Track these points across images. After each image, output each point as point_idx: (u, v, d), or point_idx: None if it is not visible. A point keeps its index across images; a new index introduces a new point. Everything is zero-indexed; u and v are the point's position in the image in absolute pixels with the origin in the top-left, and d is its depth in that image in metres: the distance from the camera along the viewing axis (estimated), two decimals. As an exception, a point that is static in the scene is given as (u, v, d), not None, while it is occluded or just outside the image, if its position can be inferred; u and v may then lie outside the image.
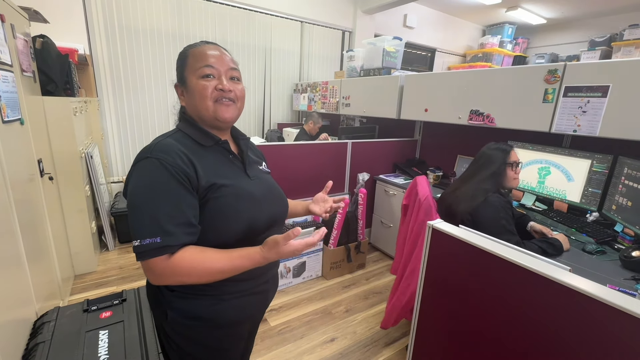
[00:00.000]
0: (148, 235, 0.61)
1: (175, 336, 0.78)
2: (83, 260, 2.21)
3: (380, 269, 2.46)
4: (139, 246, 0.61)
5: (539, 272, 0.67)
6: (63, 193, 2.04)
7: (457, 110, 2.18)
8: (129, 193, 0.65)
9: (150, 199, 0.63)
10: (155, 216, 0.62)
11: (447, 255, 0.82)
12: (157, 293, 0.77)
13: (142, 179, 0.64)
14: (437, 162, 2.78)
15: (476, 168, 1.42)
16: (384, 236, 2.68)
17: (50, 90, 1.94)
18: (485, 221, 1.23)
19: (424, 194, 1.22)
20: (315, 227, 2.20)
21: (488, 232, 1.22)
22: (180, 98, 0.78)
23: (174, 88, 0.79)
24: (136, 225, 0.63)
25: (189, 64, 0.74)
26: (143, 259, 0.62)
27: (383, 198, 2.63)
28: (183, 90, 0.76)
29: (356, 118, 3.61)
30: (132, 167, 0.67)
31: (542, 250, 1.24)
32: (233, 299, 0.78)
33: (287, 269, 2.13)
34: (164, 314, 0.76)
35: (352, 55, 3.21)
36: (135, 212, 0.63)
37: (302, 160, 2.26)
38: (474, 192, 1.30)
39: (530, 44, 6.29)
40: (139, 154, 0.67)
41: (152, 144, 0.69)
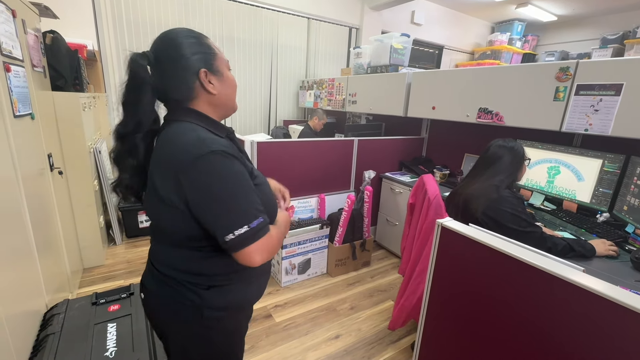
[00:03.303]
0: (253, 218, 0.66)
1: (208, 332, 0.78)
2: (91, 253, 2.24)
3: (385, 267, 2.46)
4: (248, 230, 0.65)
5: (551, 272, 0.66)
6: (72, 187, 2.07)
7: (465, 108, 2.16)
8: (207, 187, 0.64)
9: (238, 187, 0.66)
10: (250, 201, 0.68)
11: (457, 254, 0.81)
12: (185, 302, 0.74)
13: (223, 171, 0.65)
14: (443, 161, 2.76)
15: (487, 164, 1.40)
16: (389, 234, 2.67)
17: (60, 86, 1.96)
18: (505, 217, 1.21)
19: (434, 193, 1.21)
20: (321, 225, 2.20)
21: (510, 228, 1.21)
22: (207, 86, 0.73)
23: (200, 74, 0.72)
24: (234, 215, 0.65)
25: (217, 56, 0.76)
26: (257, 239, 0.66)
27: (389, 196, 2.62)
28: (215, 78, 0.74)
29: (362, 115, 3.60)
30: (193, 164, 0.63)
31: (570, 248, 1.22)
32: (255, 280, 0.82)
33: (292, 265, 2.13)
34: (199, 314, 0.75)
35: (359, 52, 3.19)
36: (229, 203, 0.65)
37: (307, 157, 2.26)
38: (488, 189, 1.28)
39: (540, 41, 6.18)
40: (195, 147, 0.64)
41: (198, 139, 0.66)
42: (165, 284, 0.74)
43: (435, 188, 1.27)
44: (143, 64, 0.70)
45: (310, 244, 2.17)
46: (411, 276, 1.31)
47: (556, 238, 1.24)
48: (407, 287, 1.33)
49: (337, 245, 2.23)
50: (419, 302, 1.19)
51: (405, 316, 1.37)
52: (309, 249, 2.18)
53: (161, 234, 0.76)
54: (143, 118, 0.71)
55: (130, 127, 0.71)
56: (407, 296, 1.33)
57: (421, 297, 1.01)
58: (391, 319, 1.55)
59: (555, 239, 1.23)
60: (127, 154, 0.73)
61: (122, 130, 0.72)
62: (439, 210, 1.17)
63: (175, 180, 0.65)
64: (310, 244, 2.17)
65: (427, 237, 1.20)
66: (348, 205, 2.14)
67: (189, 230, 0.69)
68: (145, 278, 0.81)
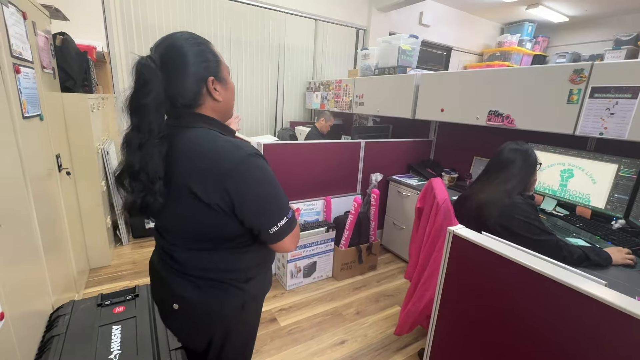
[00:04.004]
0: (288, 210, 0.75)
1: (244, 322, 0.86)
2: (98, 254, 2.25)
3: (391, 272, 2.42)
4: (287, 221, 0.74)
5: (571, 285, 0.63)
6: (80, 188, 2.08)
7: (475, 111, 2.12)
8: (251, 189, 0.70)
9: (275, 184, 0.73)
10: (283, 195, 0.75)
11: (468, 262, 0.78)
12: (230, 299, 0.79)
13: (261, 172, 0.71)
14: (452, 164, 2.72)
15: (498, 169, 1.36)
16: (396, 238, 2.64)
17: (69, 87, 1.97)
18: (517, 224, 1.18)
19: (443, 197, 1.18)
20: (327, 228, 2.17)
21: (523, 235, 1.17)
22: (214, 93, 0.75)
23: (208, 82, 0.74)
24: (275, 208, 0.73)
25: (222, 63, 0.78)
26: (293, 228, 0.76)
27: (396, 199, 2.59)
28: (220, 86, 0.77)
29: (369, 117, 3.57)
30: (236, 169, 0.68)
31: (585, 256, 1.18)
32: (270, 268, 0.91)
33: (298, 268, 2.11)
34: (240, 307, 0.81)
35: (366, 54, 3.17)
36: (271, 199, 0.73)
37: (314, 159, 2.24)
38: (500, 195, 1.25)
39: (550, 42, 6.09)
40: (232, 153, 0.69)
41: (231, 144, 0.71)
42: (208, 287, 0.77)
43: (444, 192, 1.24)
44: (153, 67, 0.68)
45: (315, 247, 2.15)
46: (418, 281, 1.28)
47: (571, 246, 1.20)
48: (415, 293, 1.30)
49: (343, 249, 2.20)
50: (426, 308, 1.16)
51: (412, 322, 1.34)
52: (314, 252, 2.16)
53: (197, 241, 0.76)
54: (158, 122, 0.69)
55: (145, 133, 0.68)
56: (414, 302, 1.30)
57: (428, 303, 0.98)
58: (397, 324, 1.52)
59: (570, 247, 1.19)
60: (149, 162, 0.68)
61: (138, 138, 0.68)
62: (447, 215, 1.14)
63: (220, 186, 0.67)
64: (315, 247, 2.15)
65: (435, 242, 1.17)
66: (354, 209, 2.12)
67: (232, 230, 0.73)
68: (176, 287, 0.78)
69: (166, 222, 0.78)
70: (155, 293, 0.92)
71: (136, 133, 0.68)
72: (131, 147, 0.69)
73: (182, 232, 0.77)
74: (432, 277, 1.16)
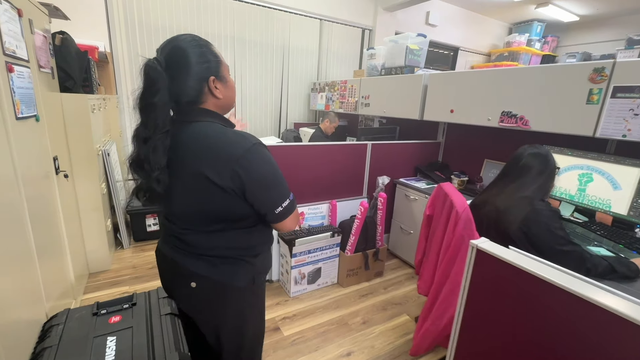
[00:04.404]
0: (289, 192, 0.84)
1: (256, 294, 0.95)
2: (97, 258, 2.20)
3: (399, 278, 2.34)
4: (289, 202, 0.84)
5: (611, 309, 0.55)
6: (79, 190, 2.03)
7: (487, 112, 2.04)
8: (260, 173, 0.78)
9: (277, 169, 0.82)
10: (285, 181, 0.84)
11: (494, 279, 0.70)
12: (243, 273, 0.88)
13: (266, 159, 0.80)
14: (461, 166, 2.63)
15: (517, 173, 1.28)
16: (403, 243, 2.55)
17: (69, 87, 1.92)
18: (540, 233, 1.09)
19: (462, 205, 1.10)
20: (332, 233, 2.10)
21: (546, 245, 1.09)
22: (215, 91, 0.82)
23: (209, 82, 0.81)
24: (280, 191, 0.82)
25: (222, 63, 0.85)
26: (294, 209, 0.86)
27: (403, 203, 2.51)
28: (220, 84, 0.84)
29: (375, 118, 3.49)
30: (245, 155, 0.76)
31: (611, 268, 1.09)
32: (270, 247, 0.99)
33: (302, 274, 2.04)
34: (252, 280, 0.90)
35: (372, 54, 3.10)
36: (275, 182, 0.81)
37: (318, 162, 2.17)
38: (520, 202, 1.17)
39: (560, 42, 5.96)
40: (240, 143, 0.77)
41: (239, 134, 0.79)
42: (221, 263, 0.85)
43: (463, 200, 1.16)
44: (159, 69, 0.75)
45: (320, 253, 2.08)
46: (436, 297, 1.19)
47: (596, 257, 1.11)
48: (433, 310, 1.20)
49: (349, 255, 2.13)
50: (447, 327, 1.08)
51: (430, 342, 1.24)
52: (319, 258, 2.08)
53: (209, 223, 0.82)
54: (162, 119, 0.76)
55: (151, 128, 0.76)
56: (433, 320, 1.20)
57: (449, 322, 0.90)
58: (413, 344, 1.42)
59: (595, 258, 1.10)
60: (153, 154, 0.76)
61: (145, 133, 0.76)
62: (468, 225, 1.06)
63: (232, 170, 0.75)
64: (320, 252, 2.08)
65: (454, 255, 1.09)
66: (361, 213, 2.04)
67: (241, 212, 0.81)
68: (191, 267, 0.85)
69: (178, 208, 0.84)
70: (167, 280, 1.00)
71: (143, 128, 0.77)
72: (138, 140, 0.78)
73: (195, 216, 0.82)
74: (453, 293, 1.07)
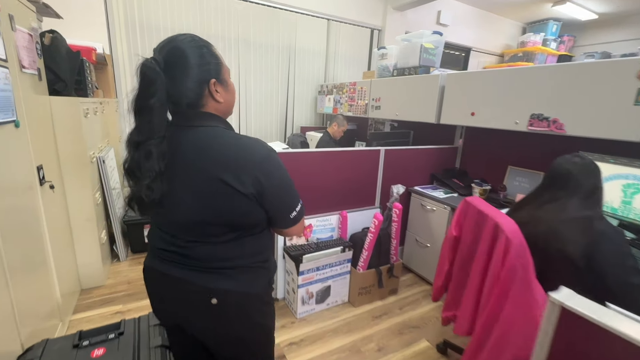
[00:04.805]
0: (299, 198, 0.85)
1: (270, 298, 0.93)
2: (90, 273, 2.05)
3: (415, 296, 2.14)
4: (301, 207, 0.85)
5: None
6: (70, 201, 1.89)
7: (514, 114, 1.85)
8: (279, 178, 0.78)
9: (289, 176, 0.81)
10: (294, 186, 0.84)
11: (588, 350, 0.50)
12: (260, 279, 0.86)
13: (281, 164, 0.79)
14: (481, 173, 2.43)
15: (563, 186, 1.09)
16: (419, 256, 2.36)
17: (59, 90, 1.79)
18: (607, 261, 0.89)
19: (511, 228, 0.91)
20: (343, 247, 1.92)
21: (614, 276, 0.89)
22: (215, 95, 0.79)
23: (210, 85, 0.77)
24: (293, 196, 0.83)
25: (223, 65, 0.81)
26: (304, 214, 0.87)
27: (419, 213, 2.32)
28: (221, 87, 0.80)
29: (386, 122, 3.32)
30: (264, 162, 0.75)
31: None
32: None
33: (310, 294, 1.86)
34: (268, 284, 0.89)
35: (384, 53, 2.92)
36: (290, 188, 0.82)
37: (327, 169, 2.00)
38: (577, 222, 0.97)
39: (576, 42, 5.73)
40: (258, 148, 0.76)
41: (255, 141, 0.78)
42: (239, 273, 0.82)
43: (510, 221, 0.96)
44: (157, 70, 0.70)
45: (330, 270, 1.90)
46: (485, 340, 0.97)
47: None
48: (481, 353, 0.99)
49: (361, 271, 1.94)
50: None
51: None
52: (328, 275, 1.90)
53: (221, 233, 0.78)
54: (158, 123, 0.72)
55: (145, 133, 0.71)
56: None
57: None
58: None
59: None
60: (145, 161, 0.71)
61: (137, 138, 0.72)
62: (522, 254, 0.87)
63: (253, 175, 0.73)
64: (330, 269, 1.90)
65: (505, 291, 0.90)
66: (375, 226, 1.85)
67: (255, 218, 0.79)
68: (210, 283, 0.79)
69: (185, 219, 0.77)
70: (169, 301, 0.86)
71: (137, 133, 0.72)
72: (131, 145, 0.73)
73: (208, 226, 0.77)
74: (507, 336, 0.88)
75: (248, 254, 0.82)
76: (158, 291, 0.88)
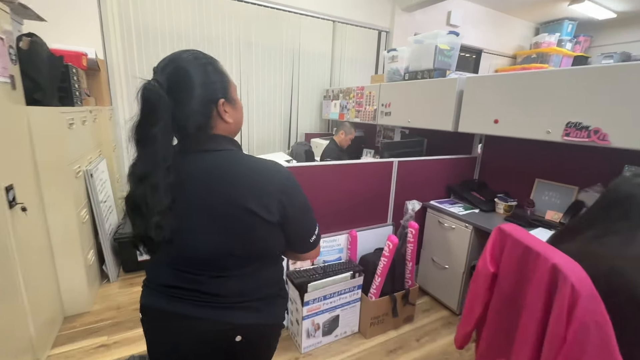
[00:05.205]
0: (316, 222, 0.84)
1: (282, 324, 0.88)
2: (75, 299, 1.87)
3: (433, 324, 1.92)
4: (318, 231, 0.84)
5: None
6: (51, 221, 1.71)
7: (545, 122, 1.63)
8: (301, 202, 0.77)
9: (308, 201, 0.80)
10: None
11: None
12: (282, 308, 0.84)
13: (301, 188, 0.78)
14: (503, 186, 2.21)
15: (622, 216, 0.88)
16: (435, 278, 2.14)
17: (38, 99, 1.62)
18: None
19: (579, 275, 0.69)
20: (353, 273, 1.71)
21: None
22: (224, 115, 0.74)
23: (219, 105, 0.73)
24: (312, 218, 0.82)
25: (231, 83, 0.77)
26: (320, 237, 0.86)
27: (436, 231, 2.10)
28: (230, 107, 0.76)
29: (396, 129, 3.11)
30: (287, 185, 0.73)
31: None
32: None
33: (316, 326, 1.65)
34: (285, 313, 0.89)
35: (394, 56, 2.73)
36: (310, 212, 0.81)
37: (334, 184, 1.79)
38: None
39: (592, 42, 5.49)
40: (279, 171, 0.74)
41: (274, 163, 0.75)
42: (265, 305, 0.77)
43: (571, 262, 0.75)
44: (161, 93, 0.64)
45: (339, 298, 1.69)
46: None
47: None
48: None
49: (374, 299, 1.73)
50: None
51: None
52: (337, 304, 1.70)
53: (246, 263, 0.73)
54: (163, 152, 0.65)
55: (149, 164, 0.65)
56: None
57: None
58: None
59: None
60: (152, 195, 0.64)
61: (141, 170, 0.65)
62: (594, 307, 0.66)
63: (278, 201, 0.71)
64: (338, 297, 1.69)
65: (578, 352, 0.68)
66: (389, 250, 1.65)
67: (277, 244, 0.77)
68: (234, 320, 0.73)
69: (204, 253, 0.70)
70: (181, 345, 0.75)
71: (140, 164, 0.66)
72: (134, 177, 0.66)
73: (230, 259, 0.71)
74: None
75: (270, 283, 0.80)
76: (166, 339, 0.77)
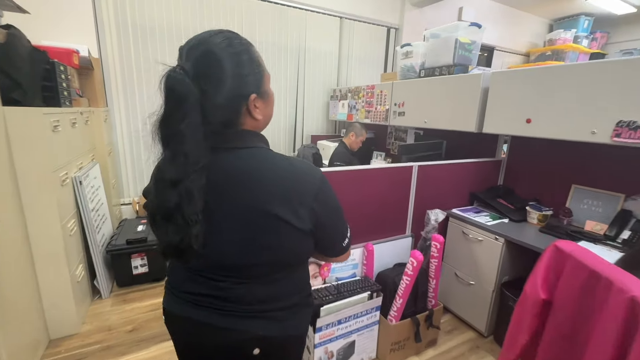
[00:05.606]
0: (348, 225, 0.79)
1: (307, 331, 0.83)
2: (60, 319, 1.68)
3: (458, 348, 1.72)
4: (350, 235, 0.79)
5: None
6: (33, 234, 1.54)
7: (589, 121, 1.43)
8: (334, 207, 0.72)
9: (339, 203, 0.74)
10: None
11: None
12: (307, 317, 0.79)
13: (333, 190, 0.72)
14: (532, 192, 2.01)
15: None
16: (460, 295, 1.93)
17: (17, 99, 1.45)
18: None
19: None
20: (370, 293, 1.51)
21: None
22: (254, 112, 0.66)
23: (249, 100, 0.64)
24: (344, 224, 0.77)
25: (265, 73, 0.69)
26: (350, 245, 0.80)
27: (459, 242, 1.90)
28: (261, 102, 0.67)
29: (409, 130, 2.92)
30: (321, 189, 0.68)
31: None
32: None
33: (329, 354, 1.46)
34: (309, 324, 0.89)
35: (408, 52, 2.54)
36: (342, 215, 0.75)
37: (347, 191, 1.59)
38: None
39: (609, 38, 5.27)
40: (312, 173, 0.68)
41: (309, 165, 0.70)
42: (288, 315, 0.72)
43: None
44: (188, 81, 0.56)
45: (355, 322, 1.50)
46: None
47: None
48: None
49: (394, 323, 1.53)
50: None
51: None
52: (352, 329, 1.50)
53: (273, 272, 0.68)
54: (195, 151, 0.57)
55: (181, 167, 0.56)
56: None
57: None
58: None
59: None
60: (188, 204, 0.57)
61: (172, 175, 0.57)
62: None
63: (310, 208, 0.66)
64: (354, 321, 1.49)
65: None
66: (412, 268, 1.45)
67: (307, 250, 0.72)
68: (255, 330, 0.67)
69: (229, 259, 0.64)
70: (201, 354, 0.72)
71: (169, 166, 0.57)
72: (163, 183, 0.58)
73: (254, 267, 0.66)
74: None
75: (295, 290, 0.75)
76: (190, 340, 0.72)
